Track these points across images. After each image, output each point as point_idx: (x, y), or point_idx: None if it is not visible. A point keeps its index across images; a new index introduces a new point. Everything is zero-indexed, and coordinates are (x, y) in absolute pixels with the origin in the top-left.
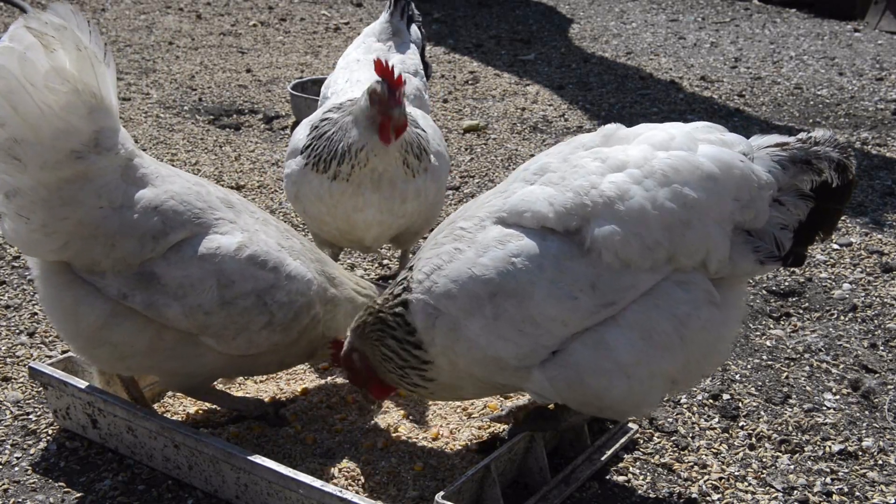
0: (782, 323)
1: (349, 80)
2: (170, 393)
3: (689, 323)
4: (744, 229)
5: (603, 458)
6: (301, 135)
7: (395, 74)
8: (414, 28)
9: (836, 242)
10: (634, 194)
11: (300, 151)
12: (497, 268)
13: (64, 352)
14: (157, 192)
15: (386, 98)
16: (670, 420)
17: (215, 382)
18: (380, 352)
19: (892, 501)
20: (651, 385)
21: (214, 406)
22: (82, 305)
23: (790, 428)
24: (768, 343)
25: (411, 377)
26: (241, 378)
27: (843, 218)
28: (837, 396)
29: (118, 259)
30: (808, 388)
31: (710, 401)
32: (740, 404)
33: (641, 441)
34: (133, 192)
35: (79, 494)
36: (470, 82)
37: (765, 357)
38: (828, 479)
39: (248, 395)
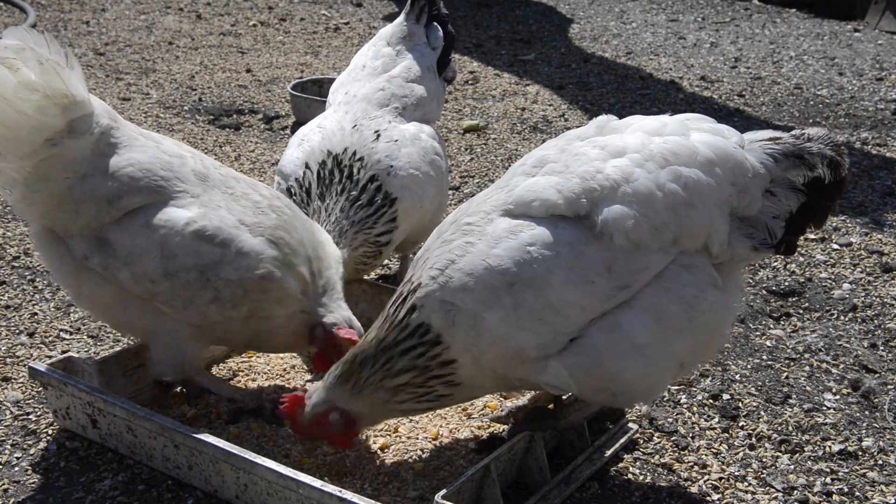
0: (782, 323)
1: (348, 92)
2: (171, 392)
3: (696, 305)
4: (737, 216)
5: (603, 458)
6: (294, 161)
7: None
8: (436, 28)
9: (836, 242)
10: (639, 177)
11: (285, 177)
12: (513, 257)
13: (64, 352)
14: (117, 160)
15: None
16: (670, 420)
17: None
18: (386, 390)
19: (892, 501)
20: (663, 367)
21: (214, 404)
22: (60, 261)
23: (790, 428)
24: (768, 343)
25: (435, 389)
26: (241, 378)
27: (843, 218)
28: (837, 396)
29: (83, 225)
30: (808, 388)
31: (710, 401)
32: (740, 404)
33: (641, 441)
34: (97, 162)
35: (79, 494)
36: (470, 82)
37: (765, 357)
38: (828, 479)
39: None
